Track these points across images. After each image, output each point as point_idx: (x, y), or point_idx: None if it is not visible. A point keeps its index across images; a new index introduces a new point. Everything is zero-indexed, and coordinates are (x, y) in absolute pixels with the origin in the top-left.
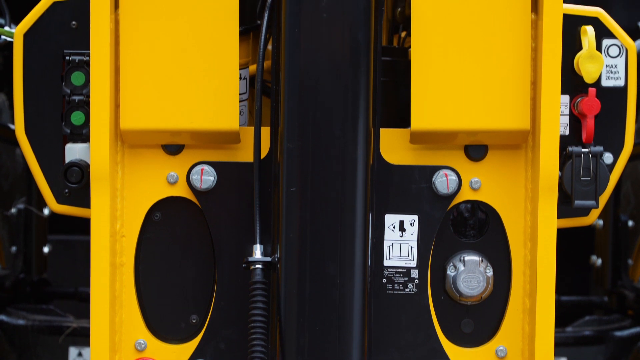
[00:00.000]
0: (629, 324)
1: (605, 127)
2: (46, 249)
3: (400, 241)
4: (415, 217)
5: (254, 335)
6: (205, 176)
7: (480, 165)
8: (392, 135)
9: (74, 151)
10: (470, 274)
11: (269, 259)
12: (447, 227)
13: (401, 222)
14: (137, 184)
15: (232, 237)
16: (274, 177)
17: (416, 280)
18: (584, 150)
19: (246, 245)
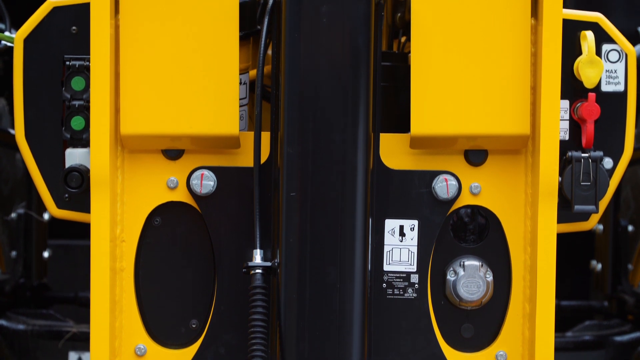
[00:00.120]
0: (629, 328)
1: (605, 132)
2: (46, 254)
3: (400, 246)
4: (415, 222)
5: (254, 340)
6: (205, 181)
7: (480, 170)
8: (392, 140)
9: (74, 156)
10: (470, 279)
11: (269, 263)
12: (447, 232)
13: (401, 227)
14: (137, 189)
15: (232, 242)
16: (274, 182)
17: (416, 285)
18: (583, 155)
19: (246, 250)
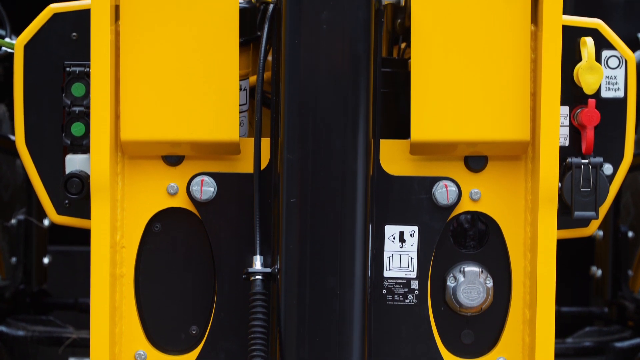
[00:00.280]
0: (629, 335)
1: (605, 138)
2: (46, 260)
3: (400, 252)
4: (415, 228)
5: (254, 346)
6: (205, 187)
7: (480, 176)
8: (392, 146)
9: (74, 162)
10: (470, 285)
11: (269, 270)
12: (447, 238)
13: (401, 233)
14: (137, 195)
15: (232, 248)
16: (274, 188)
17: (416, 291)
18: (583, 161)
19: (246, 256)
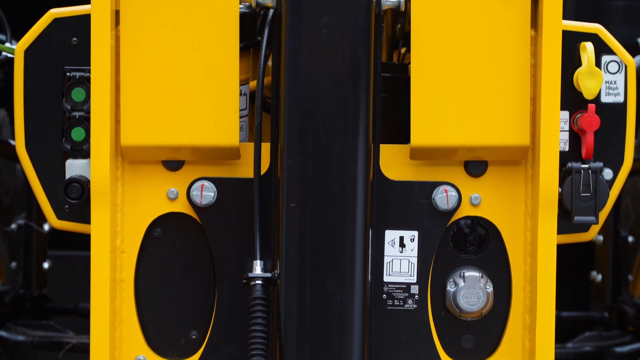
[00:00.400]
0: (629, 339)
1: (604, 143)
2: (46, 265)
3: (400, 257)
4: (415, 233)
5: (254, 351)
6: (205, 192)
7: (480, 181)
8: (392, 151)
9: (74, 167)
10: (470, 290)
11: (269, 274)
12: (447, 243)
13: (401, 238)
14: (138, 200)
15: (232, 253)
16: (274, 193)
17: (416, 296)
18: (583, 166)
19: (246, 261)
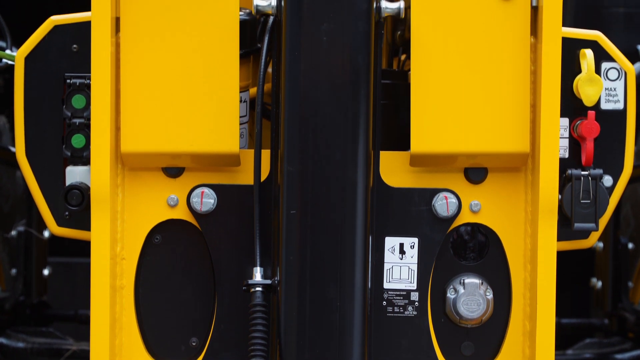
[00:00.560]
0: (629, 346)
1: (604, 149)
2: (46, 272)
3: (400, 264)
4: (415, 240)
5: (254, 358)
6: (205, 199)
7: (480, 188)
8: (392, 157)
9: (74, 174)
10: (470, 297)
11: (269, 281)
12: (447, 249)
13: (401, 245)
14: (138, 207)
15: (233, 260)
16: (274, 200)
17: (416, 302)
18: (583, 172)
19: (246, 267)
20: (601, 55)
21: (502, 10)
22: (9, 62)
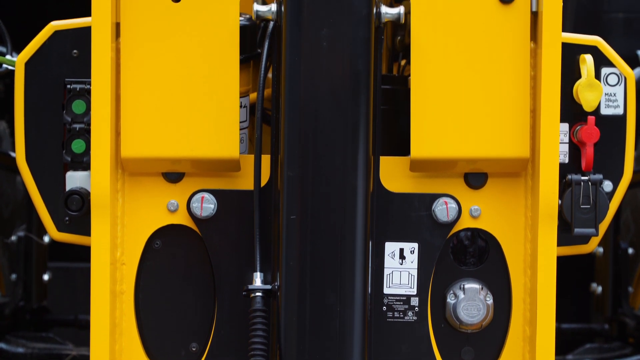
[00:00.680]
0: (629, 351)
1: (604, 155)
2: (46, 277)
3: (400, 269)
4: (415, 245)
5: None
6: (205, 204)
7: (480, 193)
8: (392, 163)
9: (74, 179)
10: (470, 302)
11: (269, 286)
12: (447, 254)
13: (401, 250)
14: (138, 212)
15: (233, 265)
16: (274, 205)
17: (416, 308)
18: (583, 178)
19: (246, 273)
20: (601, 60)
21: (502, 15)
22: (9, 67)
